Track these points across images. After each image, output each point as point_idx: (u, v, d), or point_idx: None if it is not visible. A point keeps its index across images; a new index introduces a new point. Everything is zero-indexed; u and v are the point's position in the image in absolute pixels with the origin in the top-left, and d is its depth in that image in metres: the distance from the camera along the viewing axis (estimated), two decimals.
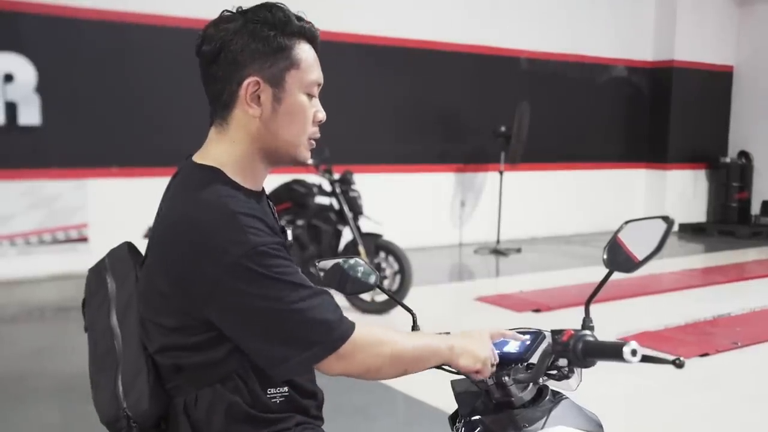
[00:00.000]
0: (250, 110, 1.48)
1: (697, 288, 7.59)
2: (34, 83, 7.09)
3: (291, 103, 1.49)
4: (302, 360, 1.38)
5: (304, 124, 1.52)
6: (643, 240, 1.45)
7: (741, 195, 11.91)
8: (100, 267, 1.66)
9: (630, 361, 1.21)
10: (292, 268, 1.40)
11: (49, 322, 6.12)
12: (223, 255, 1.35)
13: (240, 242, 1.35)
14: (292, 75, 1.48)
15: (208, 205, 1.41)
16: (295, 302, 1.36)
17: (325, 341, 1.37)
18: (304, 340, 1.37)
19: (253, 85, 1.47)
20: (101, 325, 1.58)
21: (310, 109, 1.53)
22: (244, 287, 1.35)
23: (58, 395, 4.24)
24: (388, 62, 9.22)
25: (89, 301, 1.64)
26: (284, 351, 1.37)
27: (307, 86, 1.50)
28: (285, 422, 1.52)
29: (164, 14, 7.67)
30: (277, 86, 1.48)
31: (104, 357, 1.55)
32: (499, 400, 1.45)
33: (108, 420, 1.51)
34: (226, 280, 1.36)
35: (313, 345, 1.37)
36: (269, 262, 1.36)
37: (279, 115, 1.49)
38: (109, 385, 1.51)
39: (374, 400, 4.18)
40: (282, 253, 1.40)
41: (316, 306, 1.38)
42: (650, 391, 4.36)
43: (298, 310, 1.36)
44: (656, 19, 11.71)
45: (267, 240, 1.38)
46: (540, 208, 10.71)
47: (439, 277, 8.15)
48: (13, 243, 7.18)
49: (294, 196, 6.19)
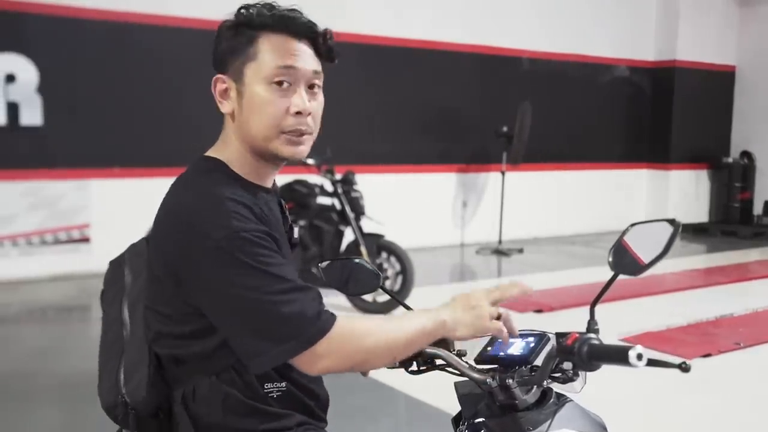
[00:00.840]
0: (222, 107, 1.52)
1: (699, 288, 7.58)
2: (36, 83, 7.09)
3: (250, 96, 1.47)
4: (276, 354, 1.34)
5: (272, 116, 1.47)
6: (649, 243, 1.44)
7: (743, 195, 11.90)
8: (119, 260, 1.69)
9: (636, 366, 1.20)
10: (275, 258, 1.37)
11: (51, 322, 6.12)
12: (205, 238, 1.35)
13: (222, 226, 1.35)
14: (250, 67, 1.47)
15: (198, 191, 1.43)
16: (272, 294, 1.33)
17: (300, 336, 1.33)
18: (278, 334, 1.33)
19: (220, 83, 1.51)
20: (113, 316, 1.62)
21: (279, 100, 1.46)
22: (223, 272, 1.34)
23: (61, 395, 4.24)
24: (390, 62, 9.22)
25: (106, 292, 1.68)
26: (258, 343, 1.34)
27: (267, 77, 1.46)
28: (285, 420, 1.52)
29: (166, 14, 7.67)
30: (238, 81, 1.49)
31: (112, 346, 1.59)
32: (503, 403, 1.45)
33: (107, 406, 1.54)
34: (207, 263, 1.35)
35: (288, 339, 1.33)
36: (251, 250, 1.35)
37: (243, 110, 1.49)
38: (112, 372, 1.54)
39: (377, 401, 4.17)
40: (266, 242, 1.38)
41: (294, 300, 1.34)
42: (653, 393, 4.35)
43: (275, 302, 1.33)
44: (658, 19, 11.70)
45: (251, 227, 1.37)
46: (542, 208, 10.70)
47: (441, 277, 8.14)
48: (15, 243, 7.18)
49: (296, 197, 6.19)
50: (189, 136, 7.27)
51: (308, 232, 6.20)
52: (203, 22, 7.52)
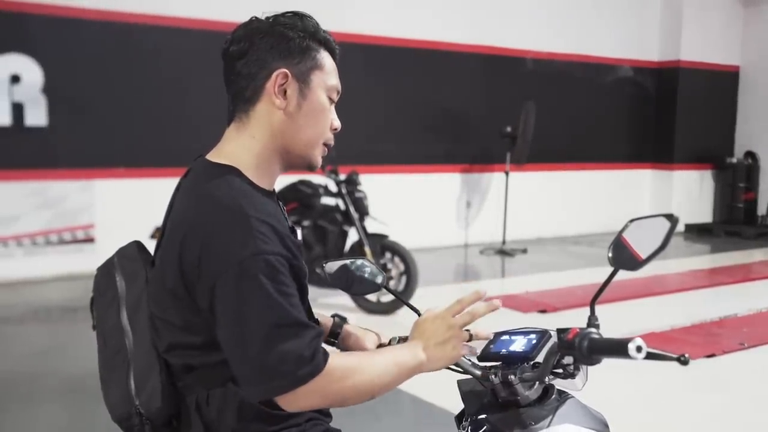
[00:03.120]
0: (277, 101, 1.50)
1: (703, 289, 7.58)
2: (41, 84, 7.12)
3: (314, 101, 1.53)
4: (265, 389, 1.34)
5: (324, 126, 1.56)
6: (648, 238, 1.45)
7: (747, 195, 11.89)
8: (108, 266, 1.66)
9: (635, 358, 1.22)
10: (289, 289, 1.37)
11: (55, 323, 6.13)
12: (228, 255, 1.35)
13: (247, 245, 1.34)
14: (317, 75, 1.53)
15: (221, 205, 1.41)
16: (276, 327, 1.32)
17: (291, 376, 1.32)
18: (272, 369, 1.32)
19: (281, 77, 1.50)
20: (111, 324, 1.59)
21: (330, 112, 1.57)
22: (238, 292, 1.34)
23: (66, 395, 4.25)
24: (394, 63, 9.23)
25: (98, 299, 1.65)
26: (252, 373, 1.34)
27: (328, 89, 1.55)
28: (295, 418, 1.53)
29: (171, 15, 7.69)
30: (303, 82, 1.51)
31: (115, 355, 1.56)
32: (506, 399, 1.46)
33: (120, 418, 1.52)
34: (224, 280, 1.34)
35: (279, 377, 1.33)
36: (270, 274, 1.34)
37: (302, 111, 1.52)
38: (121, 383, 1.52)
39: (381, 401, 4.14)
40: (284, 268, 1.37)
41: (295, 337, 1.33)
42: (656, 392, 4.36)
43: (276, 337, 1.32)
44: (662, 20, 11.70)
45: (274, 250, 1.37)
46: (546, 208, 10.70)
47: (445, 277, 8.14)
48: (20, 243, 7.20)
49: (300, 197, 6.20)
50: (193, 136, 7.28)
51: (312, 233, 6.20)
52: (207, 23, 7.55)
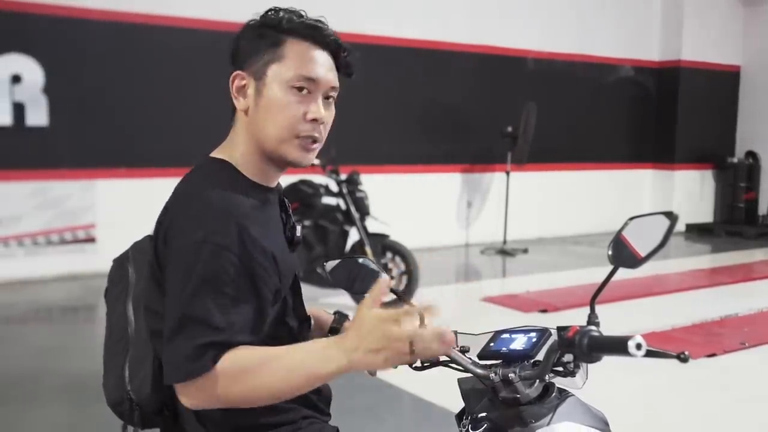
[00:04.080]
0: (238, 103, 1.51)
1: (704, 288, 7.58)
2: (42, 84, 7.12)
3: (269, 97, 1.48)
4: (166, 374, 1.34)
5: (288, 118, 1.47)
6: (647, 236, 1.45)
7: (748, 195, 11.88)
8: (123, 258, 1.70)
9: (635, 355, 1.22)
10: (224, 285, 1.34)
11: (56, 323, 6.14)
12: (180, 237, 1.38)
13: (198, 231, 1.36)
14: (273, 69, 1.48)
15: (190, 195, 1.44)
16: (186, 317, 1.32)
17: (180, 369, 1.31)
18: (168, 355, 1.34)
19: (238, 79, 1.51)
20: (118, 313, 1.63)
21: (296, 105, 1.47)
22: (177, 270, 1.36)
23: (67, 395, 4.26)
24: (395, 62, 9.22)
25: (110, 290, 1.69)
26: (167, 355, 1.34)
27: (288, 80, 1.47)
28: (291, 414, 1.53)
29: (172, 15, 7.69)
30: (258, 79, 1.49)
31: (117, 343, 1.60)
32: (506, 397, 1.46)
33: (113, 402, 1.56)
34: (173, 258, 1.38)
35: (171, 366, 1.33)
36: (211, 265, 1.33)
37: (260, 109, 1.49)
38: (118, 369, 1.56)
39: (382, 400, 4.18)
40: (231, 267, 1.35)
41: (192, 333, 1.31)
42: (657, 391, 4.36)
43: (181, 326, 1.32)
44: (663, 19, 11.69)
45: (226, 244, 1.35)
46: (547, 208, 10.70)
47: (446, 277, 8.15)
48: (21, 243, 7.21)
49: (301, 197, 6.20)
50: (195, 136, 7.28)
51: (313, 232, 6.20)
52: (209, 23, 7.55)
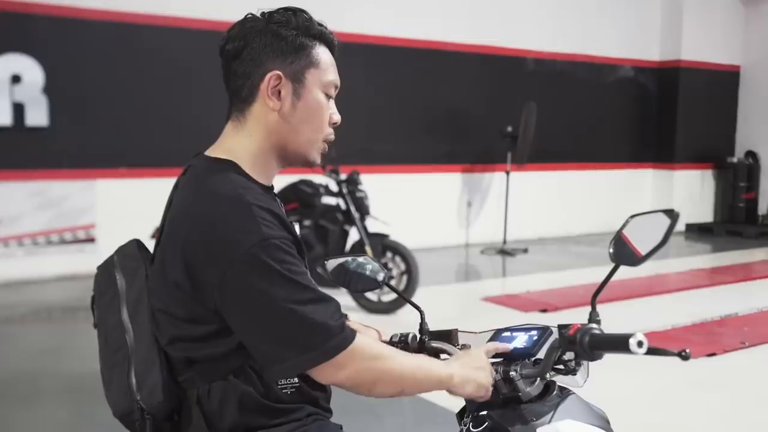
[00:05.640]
0: (270, 103, 1.51)
1: (704, 288, 7.58)
2: (42, 84, 7.12)
3: (310, 100, 1.53)
4: (297, 363, 1.38)
5: (321, 123, 1.55)
6: (648, 234, 1.45)
7: (748, 195, 11.88)
8: (108, 265, 1.66)
9: (636, 353, 1.22)
10: (300, 267, 1.40)
11: (56, 323, 6.14)
12: (234, 244, 1.37)
13: (252, 232, 1.37)
14: (312, 73, 1.53)
15: (222, 196, 1.43)
16: (298, 303, 1.36)
17: (322, 347, 1.37)
18: (301, 343, 1.37)
19: (275, 79, 1.50)
20: (112, 322, 1.59)
21: (327, 109, 1.56)
22: (252, 278, 1.36)
23: (66, 395, 4.26)
24: (395, 62, 9.23)
25: (98, 298, 1.65)
26: (280, 351, 1.37)
27: (325, 86, 1.55)
28: (297, 413, 1.54)
29: (172, 15, 7.69)
30: (297, 82, 1.52)
31: (116, 352, 1.56)
32: (507, 395, 1.46)
33: (122, 413, 1.53)
34: (236, 268, 1.36)
35: (310, 349, 1.37)
36: (280, 257, 1.37)
37: (298, 111, 1.52)
38: (122, 379, 1.52)
39: (383, 400, 4.17)
40: (292, 250, 1.40)
41: (319, 310, 1.37)
42: (657, 391, 4.36)
43: (300, 312, 1.36)
44: (663, 19, 11.70)
45: (279, 234, 1.40)
46: (547, 208, 10.70)
47: (446, 277, 8.14)
48: (21, 243, 7.21)
49: (301, 196, 6.20)
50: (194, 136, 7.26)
51: (313, 232, 6.20)
52: (209, 23, 7.55)
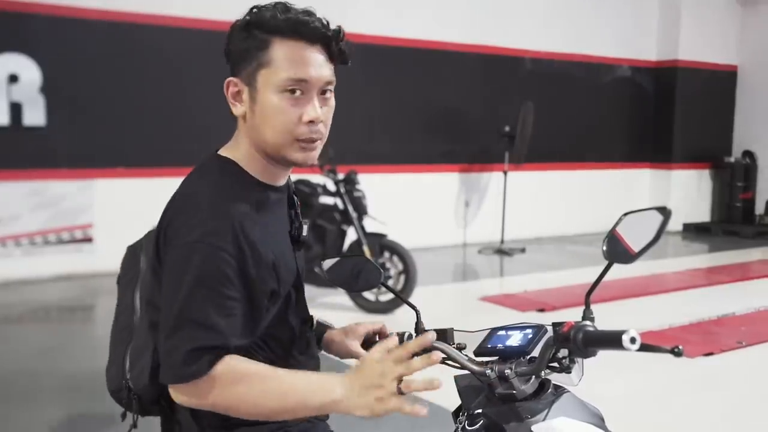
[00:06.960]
0: (234, 109, 1.51)
1: (701, 287, 7.59)
2: (39, 84, 7.11)
3: (262, 103, 1.46)
4: (162, 374, 1.38)
5: (284, 123, 1.45)
6: (640, 231, 1.46)
7: (745, 195, 11.90)
8: (137, 246, 1.71)
9: (629, 349, 1.22)
10: (222, 286, 1.36)
11: (54, 323, 6.14)
12: (177, 236, 1.40)
13: (195, 230, 1.38)
14: (262, 75, 1.45)
15: (191, 193, 1.47)
16: (183, 318, 1.34)
17: (174, 370, 1.35)
18: (165, 356, 1.37)
19: (232, 85, 1.50)
20: (126, 301, 1.66)
21: (291, 108, 1.45)
22: (174, 269, 1.39)
23: (64, 394, 4.26)
24: (392, 62, 9.23)
25: (122, 278, 1.71)
26: (161, 351, 1.39)
27: (279, 85, 1.44)
28: None
29: (170, 15, 7.69)
30: (250, 86, 1.48)
31: (121, 331, 1.63)
32: (502, 394, 1.46)
33: (112, 389, 1.60)
34: (171, 255, 1.40)
35: (167, 367, 1.37)
36: (207, 265, 1.36)
37: (256, 115, 1.48)
38: (119, 357, 1.59)
39: None
40: (228, 267, 1.37)
41: (189, 334, 1.34)
42: (653, 389, 4.36)
43: (178, 327, 1.35)
44: (660, 19, 11.71)
45: (222, 245, 1.37)
46: (544, 208, 10.70)
47: (444, 277, 8.15)
48: (19, 243, 7.20)
49: (299, 196, 6.18)
50: (193, 135, 7.29)
51: (311, 232, 6.20)
52: (207, 22, 7.55)
